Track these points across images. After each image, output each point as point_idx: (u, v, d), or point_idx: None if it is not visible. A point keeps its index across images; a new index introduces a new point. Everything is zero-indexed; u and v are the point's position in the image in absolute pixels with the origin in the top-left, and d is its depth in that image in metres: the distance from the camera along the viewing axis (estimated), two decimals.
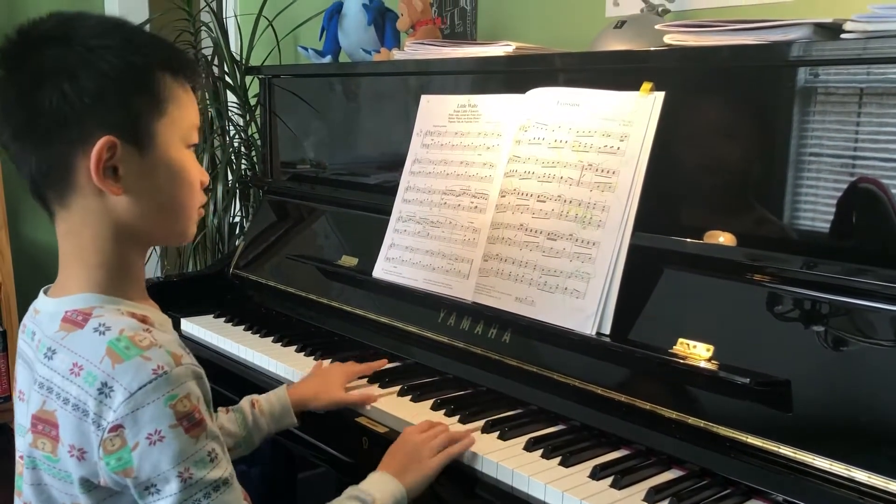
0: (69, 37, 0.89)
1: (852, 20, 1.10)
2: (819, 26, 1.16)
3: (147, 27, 2.62)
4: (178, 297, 1.95)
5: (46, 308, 0.95)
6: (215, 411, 1.28)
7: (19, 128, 0.90)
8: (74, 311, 0.91)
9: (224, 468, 0.90)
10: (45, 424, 0.90)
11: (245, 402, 1.32)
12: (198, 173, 0.97)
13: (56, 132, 0.88)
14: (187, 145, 0.96)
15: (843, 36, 1.11)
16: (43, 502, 0.93)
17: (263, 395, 1.34)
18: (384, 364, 1.49)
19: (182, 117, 0.94)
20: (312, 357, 1.58)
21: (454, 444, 1.18)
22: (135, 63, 0.90)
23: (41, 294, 0.98)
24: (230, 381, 1.64)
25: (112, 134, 0.88)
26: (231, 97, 2.67)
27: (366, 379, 1.45)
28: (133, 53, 0.90)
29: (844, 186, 1.13)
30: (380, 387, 1.41)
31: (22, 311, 0.99)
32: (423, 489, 1.15)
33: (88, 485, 0.88)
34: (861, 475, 0.97)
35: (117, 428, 0.84)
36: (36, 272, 2.99)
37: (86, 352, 0.87)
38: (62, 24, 0.91)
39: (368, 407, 1.35)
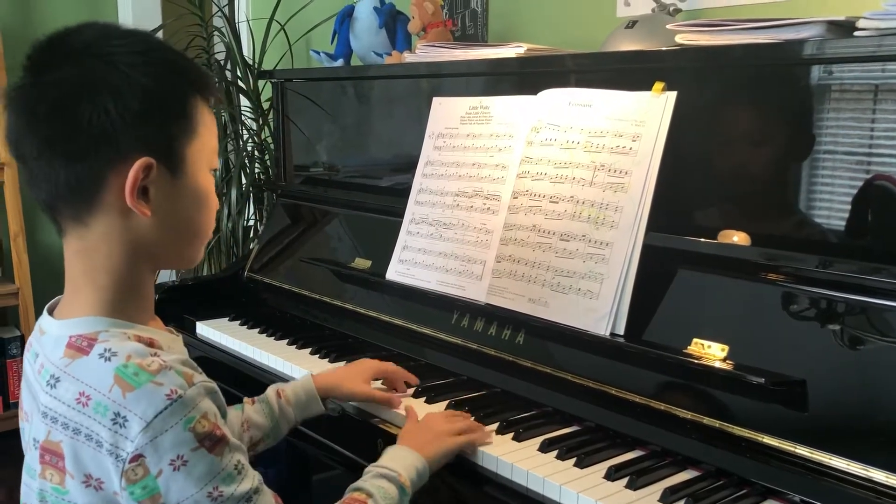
0: (113, 53, 0.87)
1: (865, 17, 1.10)
2: (832, 24, 1.15)
3: (160, 32, 2.64)
4: (193, 300, 1.96)
5: (51, 330, 0.92)
6: (240, 402, 1.28)
7: (51, 140, 0.87)
8: (79, 337, 0.88)
9: (252, 477, 0.89)
10: (51, 455, 0.88)
11: (271, 391, 1.30)
12: (215, 198, 0.98)
13: (93, 148, 0.86)
14: (210, 169, 0.96)
15: (856, 33, 1.11)
16: None
17: (289, 383, 1.33)
18: (416, 380, 1.42)
19: (209, 141, 0.95)
20: (327, 359, 1.58)
21: (475, 429, 1.20)
22: (176, 86, 0.90)
23: (45, 313, 0.95)
24: (245, 383, 1.65)
25: (149, 155, 0.87)
26: (244, 101, 2.69)
27: (380, 381, 1.45)
28: (175, 76, 0.91)
29: (860, 184, 1.12)
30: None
31: (39, 316, 0.98)
32: (442, 465, 1.15)
33: None
34: (879, 475, 0.97)
35: (138, 458, 0.82)
36: (53, 278, 3.01)
37: (92, 380, 0.85)
38: (103, 37, 0.89)
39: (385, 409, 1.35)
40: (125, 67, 0.87)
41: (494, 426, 1.25)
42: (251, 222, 2.71)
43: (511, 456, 1.16)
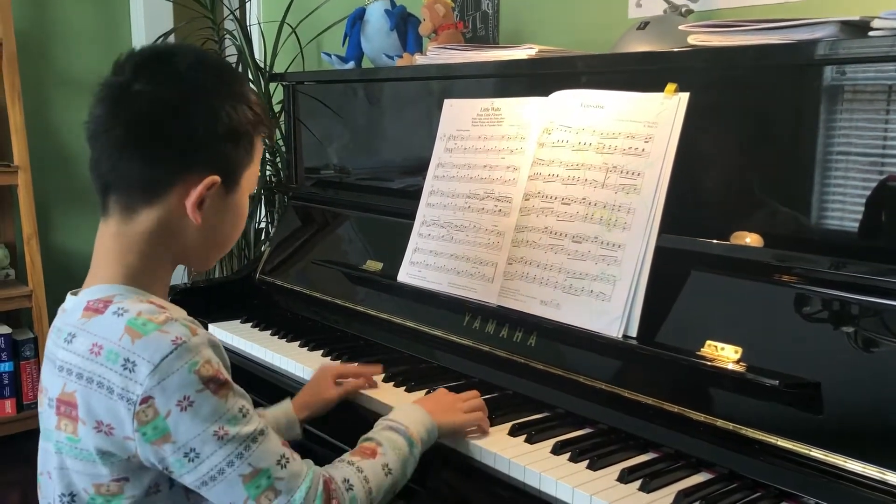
0: (206, 82, 0.99)
1: (880, 17, 1.09)
2: (846, 24, 1.15)
3: (172, 36, 2.66)
4: (205, 302, 1.97)
5: (70, 304, 1.00)
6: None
7: (138, 142, 0.96)
8: (96, 300, 0.96)
9: (257, 421, 0.95)
10: (66, 406, 0.94)
11: None
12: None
13: (173, 158, 0.97)
14: (249, 194, 1.07)
15: (871, 34, 1.10)
16: (64, 488, 0.96)
17: (269, 409, 1.35)
18: (378, 371, 1.46)
19: (256, 170, 1.06)
20: (339, 362, 1.58)
21: (485, 413, 1.25)
22: (248, 120, 1.01)
23: (68, 296, 1.02)
24: (258, 385, 1.65)
25: (218, 174, 0.99)
26: None
27: (392, 382, 1.45)
28: (250, 112, 1.02)
29: (873, 185, 1.11)
30: (406, 391, 1.42)
31: (52, 317, 1.02)
32: (450, 435, 1.20)
33: (112, 458, 0.92)
34: (895, 478, 0.96)
35: (147, 399, 0.89)
36: (66, 281, 3.02)
37: (105, 332, 0.92)
38: (202, 65, 1.00)
39: (392, 406, 1.35)
40: (215, 96, 0.98)
41: (507, 428, 1.24)
42: (263, 225, 2.72)
43: (523, 458, 1.16)
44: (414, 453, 1.11)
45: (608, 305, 1.28)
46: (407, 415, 1.16)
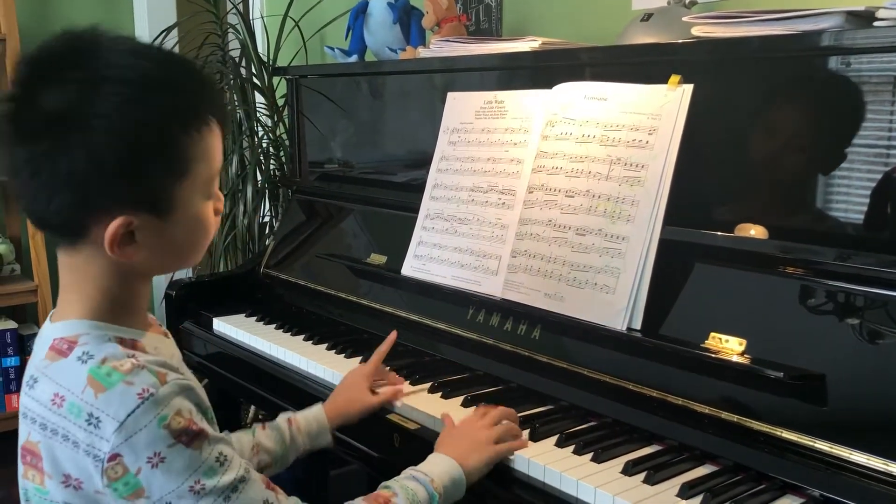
0: (90, 99, 0.82)
1: (886, 7, 1.08)
2: (851, 14, 1.14)
3: (175, 31, 2.65)
4: (209, 296, 1.97)
5: (44, 333, 0.93)
6: (249, 426, 1.27)
7: (28, 188, 0.85)
8: (62, 340, 0.89)
9: (237, 466, 0.88)
10: (31, 455, 0.89)
11: (282, 418, 1.29)
12: (213, 215, 0.94)
13: (70, 203, 0.84)
14: (208, 197, 0.92)
15: (876, 23, 1.09)
16: None
17: (300, 412, 1.31)
18: (394, 336, 1.41)
19: (206, 170, 0.90)
20: (343, 355, 1.59)
21: (513, 432, 1.18)
22: (159, 137, 0.85)
23: (47, 320, 0.96)
24: (262, 379, 1.66)
25: (129, 209, 0.85)
26: (259, 98, 2.69)
27: (394, 373, 1.45)
28: (158, 124, 0.85)
29: (878, 176, 1.11)
30: (410, 384, 1.42)
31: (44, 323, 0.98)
32: (483, 473, 1.13)
33: None
34: None
35: (115, 457, 0.82)
36: None
37: (67, 381, 0.85)
38: (83, 81, 0.83)
39: (399, 404, 1.35)
40: (105, 122, 0.81)
41: (522, 432, 1.24)
42: (267, 219, 2.72)
43: (528, 451, 1.16)
44: None
45: (612, 298, 1.28)
46: (433, 464, 1.09)
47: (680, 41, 1.37)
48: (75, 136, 0.82)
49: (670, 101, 1.29)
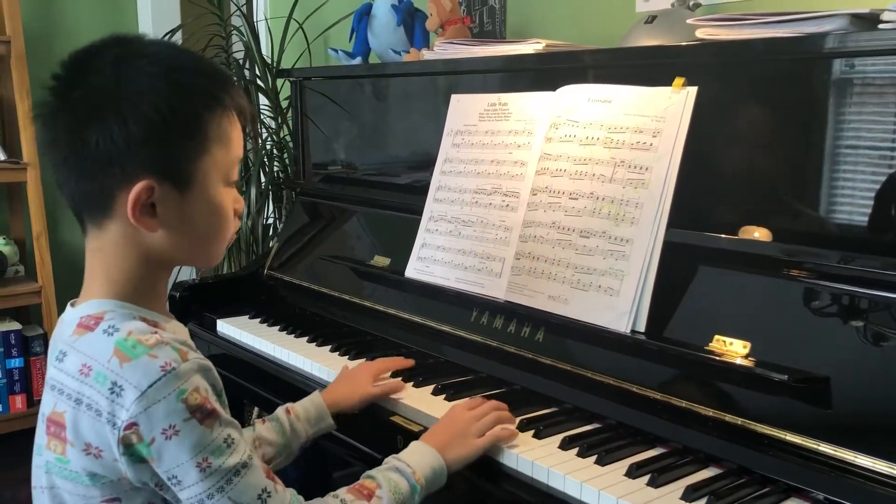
0: (127, 78, 0.91)
1: (890, 9, 1.08)
2: (855, 17, 1.14)
3: (179, 33, 2.66)
4: (213, 298, 1.98)
5: (67, 317, 0.98)
6: (251, 424, 1.29)
7: (66, 160, 0.93)
8: (88, 317, 0.94)
9: (242, 451, 0.92)
10: (55, 426, 0.92)
11: (280, 410, 1.32)
12: (233, 205, 1.00)
13: (99, 169, 0.91)
14: (227, 183, 0.98)
15: (880, 26, 1.09)
16: None
17: (298, 402, 1.34)
18: (411, 363, 1.47)
19: (225, 155, 0.96)
20: (347, 357, 1.59)
21: (501, 424, 1.20)
22: (187, 108, 0.92)
23: (67, 307, 1.00)
24: (266, 381, 1.66)
25: (153, 176, 0.91)
26: (263, 100, 2.70)
27: (399, 377, 1.45)
28: (182, 99, 0.92)
29: (883, 179, 1.11)
30: (413, 386, 1.42)
31: (61, 314, 1.01)
32: (464, 465, 1.15)
33: (102, 479, 0.90)
34: None
35: (132, 426, 0.86)
36: (75, 277, 3.03)
37: (94, 352, 0.90)
38: (122, 58, 0.92)
39: (401, 401, 1.35)
40: (134, 94, 0.90)
41: (515, 423, 1.24)
42: (270, 220, 2.72)
43: (531, 453, 1.16)
44: (414, 497, 1.07)
45: (616, 300, 1.28)
46: (416, 455, 1.11)
47: (684, 43, 1.37)
48: (109, 105, 0.90)
49: (674, 104, 1.29)
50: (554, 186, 1.42)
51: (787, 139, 1.23)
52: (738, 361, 1.13)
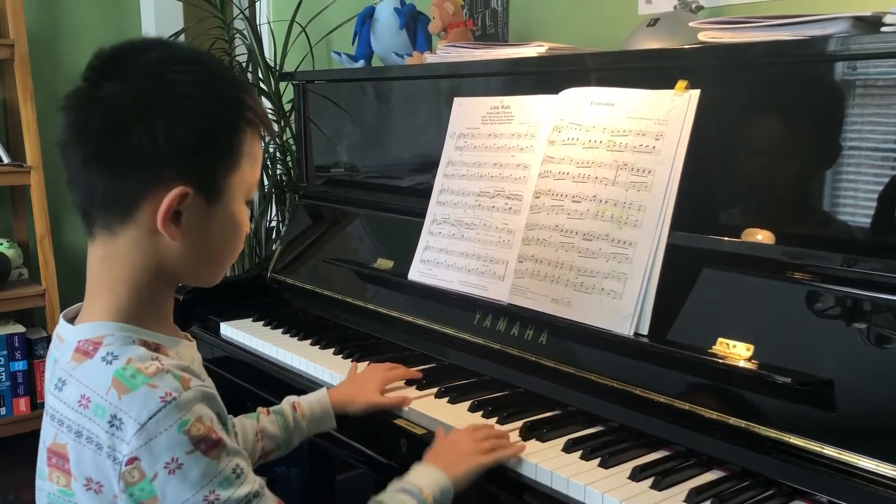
0: (173, 81, 0.88)
1: (893, 12, 1.08)
2: (858, 19, 1.14)
3: (182, 36, 2.67)
4: (216, 301, 1.98)
5: (67, 337, 0.94)
6: (254, 411, 1.30)
7: (97, 154, 0.89)
8: (86, 341, 0.90)
9: (252, 481, 0.88)
10: (57, 457, 0.89)
11: (286, 403, 1.32)
12: (246, 226, 0.98)
13: (135, 170, 0.88)
14: (246, 201, 0.97)
15: (883, 29, 1.09)
16: None
17: (304, 396, 1.34)
18: (419, 376, 1.46)
19: (250, 172, 0.95)
20: (350, 359, 1.59)
21: (503, 447, 1.18)
22: (227, 121, 0.91)
23: (61, 320, 0.96)
24: (269, 384, 1.66)
25: (187, 184, 0.88)
26: (266, 103, 2.70)
27: (403, 381, 1.45)
28: (229, 111, 0.91)
29: (886, 181, 1.11)
30: (417, 389, 1.42)
31: (58, 326, 0.99)
32: (469, 483, 1.13)
33: None
34: None
35: (133, 460, 0.82)
36: (79, 280, 3.04)
37: (93, 382, 0.86)
38: (167, 61, 0.90)
39: (406, 409, 1.36)
40: (182, 98, 0.88)
41: (518, 426, 1.24)
42: (273, 223, 2.73)
43: (535, 456, 1.16)
44: None
45: (619, 303, 1.28)
46: (422, 476, 1.10)
47: (686, 46, 1.37)
48: (154, 106, 0.87)
49: (677, 107, 1.29)
50: (557, 189, 1.42)
51: (790, 142, 1.24)
52: (742, 364, 1.13)
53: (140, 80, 0.88)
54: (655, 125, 1.31)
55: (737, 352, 1.15)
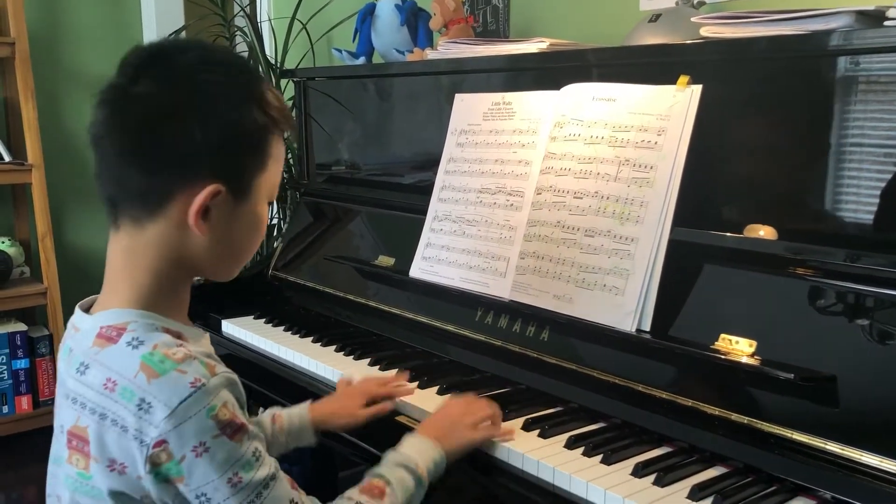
0: (210, 82, 0.91)
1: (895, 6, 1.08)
2: (861, 14, 1.14)
3: (183, 33, 2.67)
4: (218, 298, 1.97)
5: (84, 325, 0.95)
6: (255, 408, 1.30)
7: (132, 149, 0.91)
8: (109, 327, 0.92)
9: (269, 464, 0.92)
10: (78, 440, 0.91)
11: (266, 415, 1.32)
12: (266, 226, 1.01)
13: (170, 166, 0.91)
14: (269, 201, 1.00)
15: (886, 23, 1.09)
16: None
17: (287, 409, 1.34)
18: (411, 392, 1.40)
19: (275, 173, 0.99)
20: (352, 357, 1.59)
21: (495, 424, 1.20)
22: (259, 123, 0.94)
23: (77, 310, 0.98)
24: (271, 381, 1.66)
25: (221, 182, 0.91)
26: None
27: (404, 377, 1.45)
28: (261, 114, 0.94)
29: (888, 176, 1.10)
30: (419, 386, 1.42)
31: (67, 315, 1.00)
32: (459, 456, 1.15)
33: (124, 497, 0.88)
34: None
35: (162, 443, 0.85)
36: (80, 278, 3.05)
37: (119, 366, 0.88)
38: (204, 63, 0.93)
39: (407, 402, 1.35)
40: (218, 98, 0.91)
41: (520, 422, 1.24)
42: (275, 221, 2.73)
43: (537, 453, 1.16)
44: (420, 491, 1.08)
45: (621, 299, 1.28)
46: (417, 449, 1.12)
47: (688, 42, 1.37)
48: (192, 104, 0.90)
49: (679, 102, 1.29)
50: (558, 185, 1.42)
51: (793, 137, 1.23)
52: (744, 360, 1.13)
53: (176, 79, 0.91)
54: (657, 121, 1.31)
55: (739, 348, 1.15)
